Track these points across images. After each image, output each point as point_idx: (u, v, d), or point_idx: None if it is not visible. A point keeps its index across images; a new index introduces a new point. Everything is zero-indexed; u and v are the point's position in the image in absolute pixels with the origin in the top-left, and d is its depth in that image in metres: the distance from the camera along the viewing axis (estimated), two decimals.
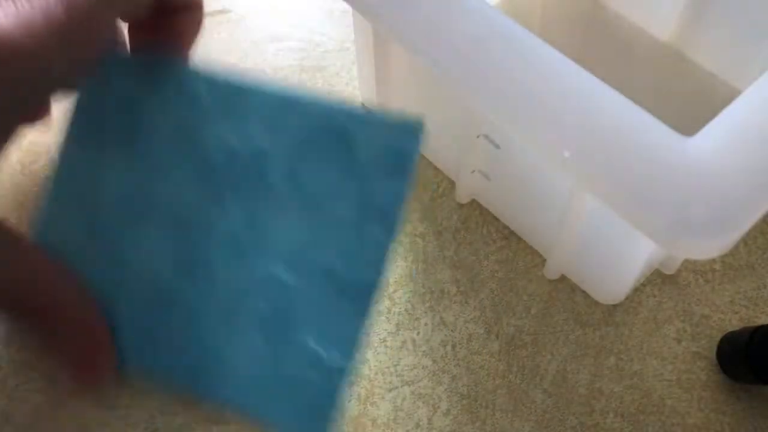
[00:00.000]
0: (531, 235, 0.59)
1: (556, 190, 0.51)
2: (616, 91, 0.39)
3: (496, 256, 0.60)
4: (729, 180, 0.36)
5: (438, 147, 0.63)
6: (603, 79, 0.40)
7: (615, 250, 0.51)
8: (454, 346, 0.56)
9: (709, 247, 0.35)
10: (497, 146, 0.54)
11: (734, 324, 0.55)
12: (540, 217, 0.56)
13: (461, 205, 0.62)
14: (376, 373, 0.55)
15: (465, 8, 0.42)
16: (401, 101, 0.63)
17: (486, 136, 0.54)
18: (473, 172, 0.59)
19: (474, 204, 0.62)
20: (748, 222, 0.35)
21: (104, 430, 0.54)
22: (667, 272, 0.57)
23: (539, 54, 0.40)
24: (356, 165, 0.38)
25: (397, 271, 0.59)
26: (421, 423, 0.53)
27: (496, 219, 0.61)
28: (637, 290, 0.57)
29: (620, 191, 0.36)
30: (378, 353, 0.56)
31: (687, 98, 0.65)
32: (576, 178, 0.40)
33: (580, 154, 0.37)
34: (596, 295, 0.57)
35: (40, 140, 0.71)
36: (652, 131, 0.37)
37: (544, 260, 0.59)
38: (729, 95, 0.48)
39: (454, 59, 0.41)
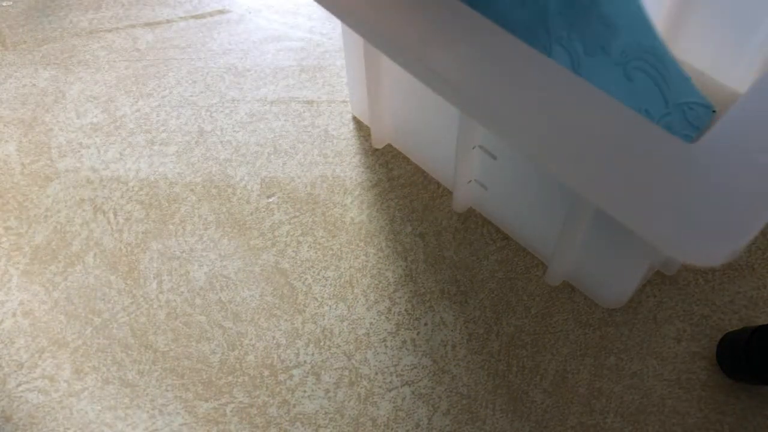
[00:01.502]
0: (531, 243, 0.59)
1: (557, 199, 0.50)
2: (617, 101, 0.39)
3: (496, 256, 0.60)
4: (734, 187, 0.35)
5: (433, 158, 0.63)
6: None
7: (617, 257, 0.51)
8: (454, 346, 0.56)
9: (717, 254, 0.35)
10: (494, 157, 0.54)
11: (734, 324, 0.55)
12: (540, 225, 0.56)
13: None
14: (376, 373, 0.55)
15: (463, 21, 0.41)
16: (394, 114, 0.62)
17: (482, 147, 0.54)
18: (470, 182, 0.59)
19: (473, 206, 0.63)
20: (755, 228, 0.34)
21: (104, 430, 0.54)
22: (668, 273, 0.57)
23: (536, 64, 0.40)
24: None
25: (397, 271, 0.59)
26: (421, 423, 0.53)
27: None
28: (637, 290, 0.57)
29: (626, 201, 0.36)
30: (378, 353, 0.56)
31: None
32: (580, 189, 0.40)
33: (584, 165, 0.37)
34: (599, 300, 0.57)
35: (40, 140, 0.72)
36: (655, 140, 0.37)
37: (544, 261, 0.59)
38: (719, 93, 0.47)
39: (450, 71, 0.41)
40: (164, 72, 0.73)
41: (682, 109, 0.49)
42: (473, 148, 0.54)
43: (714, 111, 0.51)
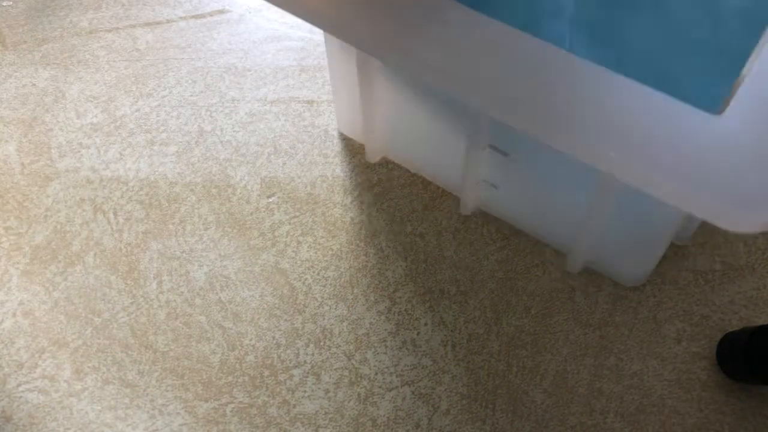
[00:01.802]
0: (546, 235, 0.59)
1: (578, 187, 0.50)
2: (639, 83, 0.39)
3: (496, 256, 0.60)
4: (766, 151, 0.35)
5: (435, 166, 0.62)
6: None
7: (641, 233, 0.51)
8: (454, 346, 0.56)
9: (757, 219, 0.35)
10: (506, 154, 0.53)
11: (734, 324, 0.55)
12: (558, 216, 0.56)
13: None
14: (376, 373, 0.55)
15: (455, 16, 0.41)
16: (389, 127, 0.62)
17: (493, 146, 0.54)
18: (479, 183, 0.59)
19: None
20: None
21: (104, 430, 0.54)
22: (679, 243, 0.58)
23: (556, 58, 0.40)
24: None
25: (397, 271, 0.59)
26: (421, 423, 0.53)
27: (497, 219, 0.61)
28: (637, 290, 0.57)
29: (666, 177, 0.35)
30: (378, 353, 0.56)
31: None
32: (617, 173, 0.39)
33: (621, 149, 0.37)
34: (621, 279, 0.57)
35: (40, 140, 0.72)
36: (683, 115, 0.37)
37: (544, 260, 0.59)
38: None
39: (466, 71, 0.40)
40: (164, 72, 0.73)
41: (731, 21, 0.48)
42: (483, 148, 0.54)
43: None
